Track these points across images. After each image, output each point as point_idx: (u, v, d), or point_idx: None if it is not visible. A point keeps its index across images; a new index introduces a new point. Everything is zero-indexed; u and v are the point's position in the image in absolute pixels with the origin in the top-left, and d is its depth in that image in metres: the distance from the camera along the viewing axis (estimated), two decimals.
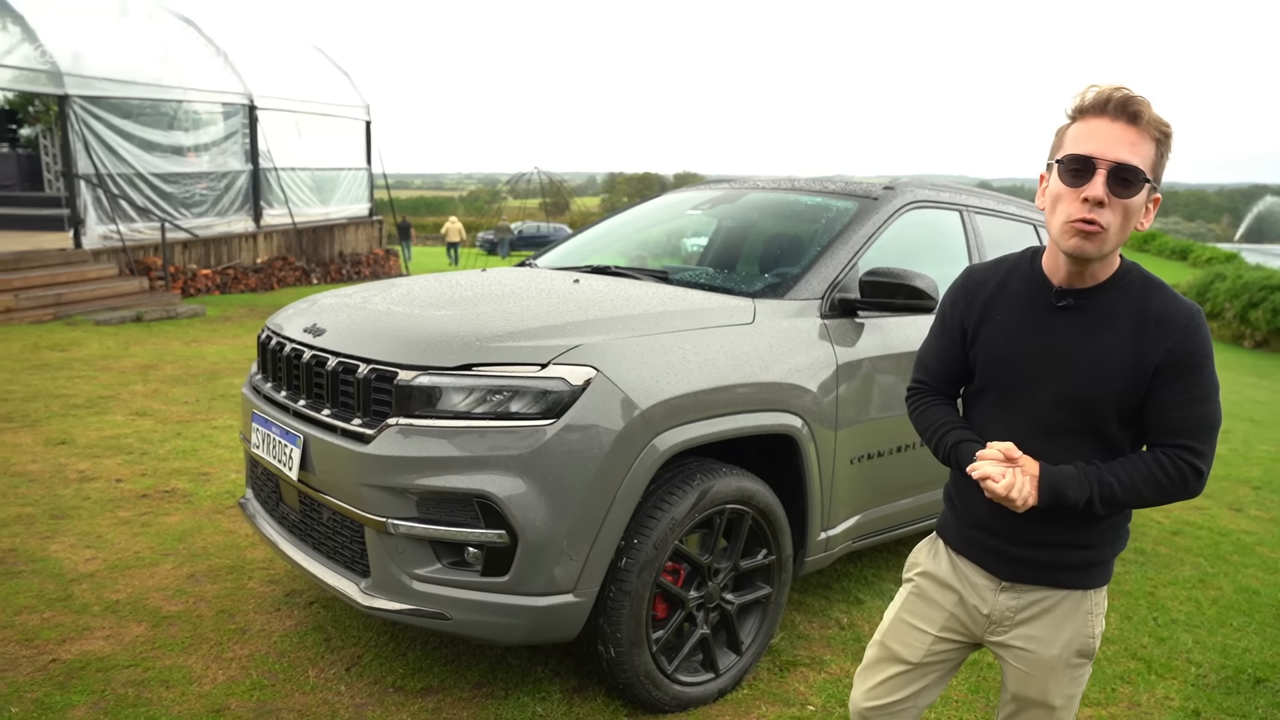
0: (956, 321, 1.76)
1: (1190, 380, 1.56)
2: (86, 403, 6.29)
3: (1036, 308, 1.65)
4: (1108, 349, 1.58)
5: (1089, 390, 1.58)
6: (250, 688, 2.73)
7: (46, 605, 3.22)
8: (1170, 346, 1.55)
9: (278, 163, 14.94)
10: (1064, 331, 1.61)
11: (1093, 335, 1.59)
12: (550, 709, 2.71)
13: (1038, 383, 1.63)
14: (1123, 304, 1.59)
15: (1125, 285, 1.61)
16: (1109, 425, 1.60)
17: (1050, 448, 1.62)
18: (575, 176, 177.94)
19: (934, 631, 1.82)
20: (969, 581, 1.79)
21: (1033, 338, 1.64)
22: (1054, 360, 1.61)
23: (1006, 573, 1.73)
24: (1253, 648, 3.52)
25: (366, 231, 17.70)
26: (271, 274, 14.52)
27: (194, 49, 14.01)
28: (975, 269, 1.79)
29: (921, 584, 1.86)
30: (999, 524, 1.72)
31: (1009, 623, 1.75)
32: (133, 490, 4.50)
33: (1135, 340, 1.57)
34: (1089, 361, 1.58)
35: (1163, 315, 1.57)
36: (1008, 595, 1.74)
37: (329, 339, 2.74)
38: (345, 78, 17.52)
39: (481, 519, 2.40)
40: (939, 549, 1.86)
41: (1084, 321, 1.60)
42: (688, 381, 2.60)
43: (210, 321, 10.75)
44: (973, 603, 1.78)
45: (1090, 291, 1.61)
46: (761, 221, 3.92)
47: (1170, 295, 1.60)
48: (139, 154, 12.54)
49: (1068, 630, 1.72)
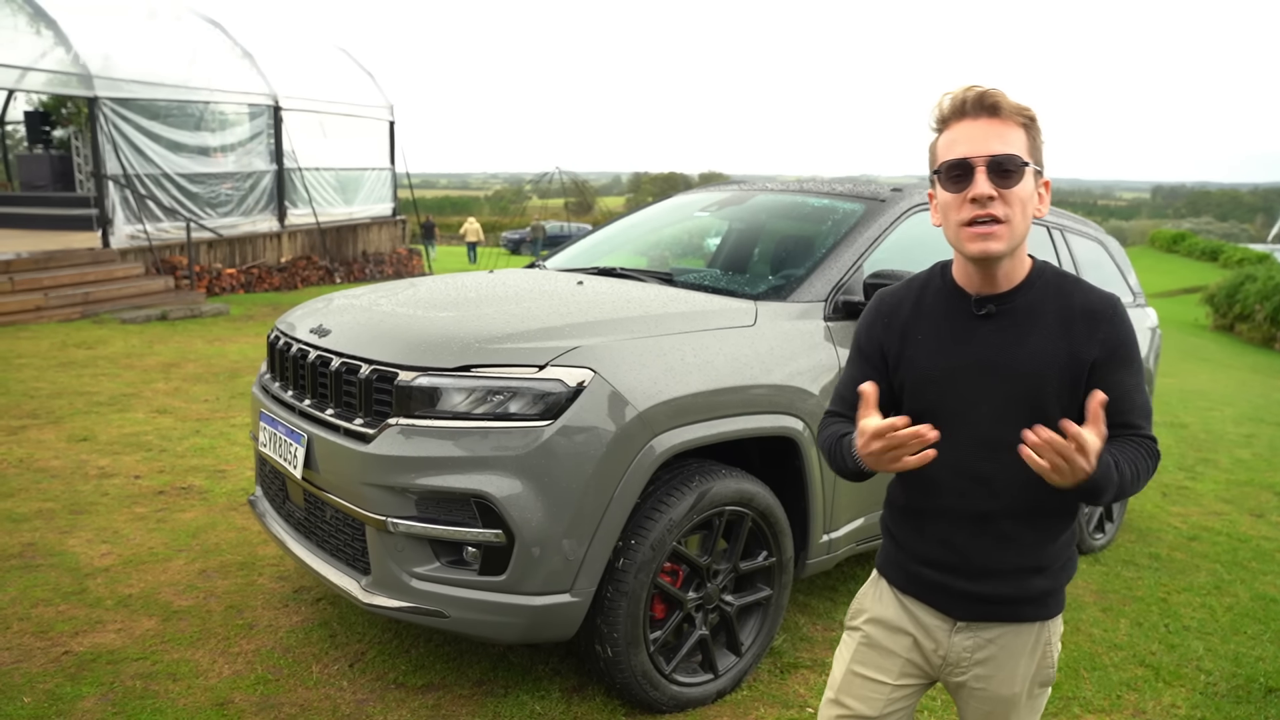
0: (875, 348, 1.68)
1: (1129, 369, 1.54)
2: (109, 400, 6.40)
3: (957, 321, 1.59)
4: (1038, 349, 1.53)
5: (1027, 395, 1.53)
6: (255, 682, 2.78)
7: (62, 599, 3.29)
8: (1103, 338, 1.52)
9: (302, 163, 15.11)
10: (990, 340, 1.55)
11: (1021, 338, 1.54)
12: (549, 707, 2.73)
13: (973, 398, 1.56)
14: (1044, 302, 1.55)
15: (1042, 283, 1.57)
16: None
17: (995, 466, 1.54)
18: (600, 176, 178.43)
19: (892, 681, 1.69)
20: (920, 623, 1.67)
21: (959, 352, 1.57)
22: (985, 371, 1.55)
23: (962, 611, 1.62)
24: (1266, 656, 3.47)
25: (390, 231, 17.85)
26: (295, 273, 14.68)
27: (220, 51, 14.21)
28: (885, 292, 1.72)
29: (871, 632, 1.72)
30: (949, 557, 1.61)
31: (966, 663, 1.64)
32: (150, 486, 4.58)
33: (1065, 336, 1.53)
34: (1023, 365, 1.53)
35: (1088, 308, 1.54)
36: (963, 635, 1.63)
37: (333, 340, 2.78)
38: (369, 78, 17.68)
39: (479, 518, 2.42)
40: (883, 590, 1.73)
41: (1008, 326, 1.55)
42: (686, 383, 2.61)
43: (234, 320, 10.89)
44: (927, 645, 1.67)
45: (1009, 295, 1.56)
46: (769, 223, 3.92)
47: (1089, 288, 1.58)
48: (166, 155, 12.74)
49: (1028, 665, 1.63)
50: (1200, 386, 11.66)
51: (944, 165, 1.51)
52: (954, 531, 1.60)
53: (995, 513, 1.57)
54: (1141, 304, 5.10)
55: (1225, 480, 6.30)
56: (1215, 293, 22.00)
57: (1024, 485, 1.52)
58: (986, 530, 1.57)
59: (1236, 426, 8.58)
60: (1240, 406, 9.99)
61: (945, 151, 1.52)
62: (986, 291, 1.56)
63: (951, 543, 1.60)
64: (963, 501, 1.58)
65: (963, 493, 1.58)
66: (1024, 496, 1.55)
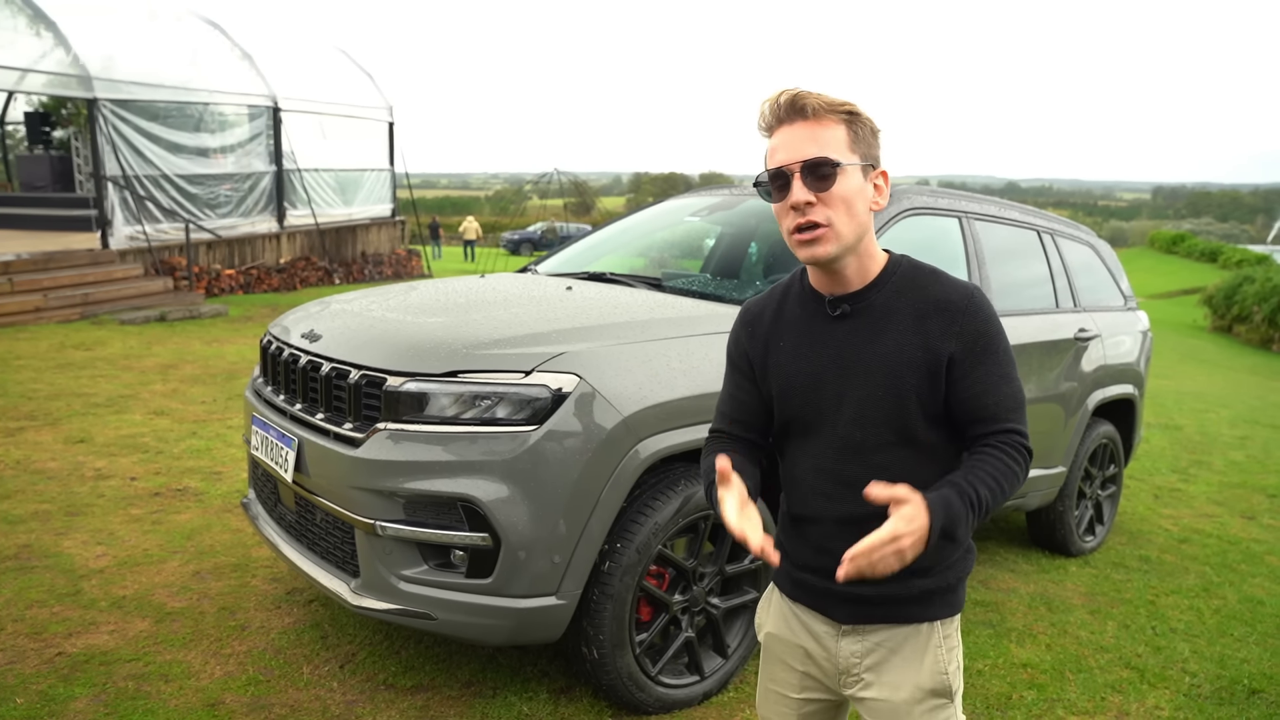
0: (742, 357, 1.66)
1: (991, 361, 1.49)
2: (107, 401, 6.44)
3: (815, 324, 1.57)
4: (894, 346, 1.50)
5: (886, 394, 1.49)
6: (246, 683, 2.81)
7: (56, 600, 3.32)
8: (958, 331, 1.48)
9: (301, 164, 15.14)
10: (846, 340, 1.53)
11: (876, 336, 1.51)
12: (537, 708, 2.76)
13: (835, 400, 1.53)
14: (898, 298, 1.52)
15: (898, 279, 1.54)
16: (916, 429, 1.51)
17: (861, 468, 1.51)
18: (601, 176, 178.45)
19: (795, 695, 1.66)
20: (810, 631, 1.63)
21: (818, 356, 1.55)
22: (844, 372, 1.52)
23: (844, 614, 1.58)
24: (1251, 658, 3.50)
25: (389, 232, 17.89)
26: (294, 274, 14.72)
27: (220, 52, 14.25)
28: (751, 302, 1.71)
29: (770, 645, 1.70)
30: (827, 562, 1.52)
31: (857, 670, 1.59)
32: (146, 488, 4.61)
33: (919, 331, 1.49)
34: (879, 364, 1.50)
35: (941, 300, 1.50)
36: (850, 640, 1.59)
37: (324, 345, 2.81)
38: (368, 79, 17.71)
39: (466, 522, 2.45)
40: (775, 600, 1.70)
41: (864, 325, 1.52)
42: (671, 389, 2.64)
43: (232, 321, 10.93)
44: (819, 654, 1.62)
45: (863, 294, 1.53)
46: (759, 228, 3.95)
47: (945, 279, 1.53)
48: (165, 156, 12.77)
49: (917, 670, 1.56)
50: (1197, 388, 11.68)
51: (764, 174, 1.51)
52: (828, 536, 1.56)
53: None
54: (1133, 307, 5.13)
55: (1218, 482, 6.33)
56: (1214, 294, 22.02)
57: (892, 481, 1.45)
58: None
59: (1231, 428, 8.61)
60: (1236, 408, 10.01)
61: (768, 160, 1.51)
62: (839, 292, 1.54)
63: (827, 548, 1.55)
64: (832, 505, 1.55)
65: (830, 496, 1.55)
66: None
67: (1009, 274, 4.09)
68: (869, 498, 1.35)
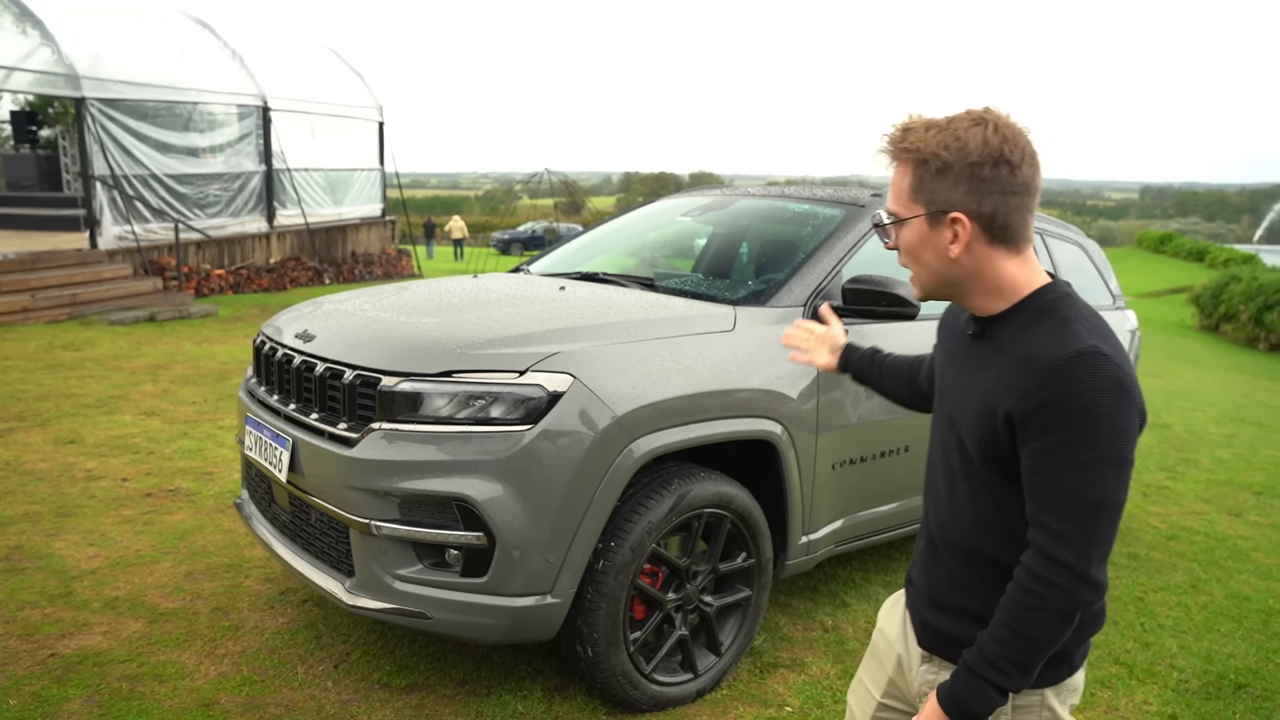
0: (939, 333, 1.68)
1: (1055, 438, 1.26)
2: (97, 402, 6.41)
3: (961, 335, 1.52)
4: (982, 385, 1.39)
5: (965, 429, 1.42)
6: (240, 683, 2.81)
7: (48, 601, 3.31)
8: (1025, 392, 1.29)
9: (291, 163, 15.10)
10: (968, 361, 1.47)
11: (978, 369, 1.43)
12: (531, 707, 2.77)
13: (945, 417, 1.50)
14: (1017, 335, 1.37)
15: (1024, 316, 1.38)
16: (989, 474, 1.39)
17: (951, 493, 1.47)
18: (591, 176, 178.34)
19: (877, 697, 1.63)
20: (907, 642, 1.59)
21: (951, 368, 1.52)
22: (954, 393, 1.48)
23: (923, 640, 1.53)
24: (1238, 653, 3.53)
25: (379, 232, 17.85)
26: (284, 274, 14.68)
27: (209, 51, 14.19)
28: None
29: (876, 640, 1.68)
30: (919, 576, 1.55)
31: (924, 700, 1.50)
32: (137, 489, 4.60)
33: (998, 380, 1.35)
34: (969, 398, 1.42)
35: (1029, 354, 1.31)
36: (927, 668, 1.51)
37: (318, 345, 2.82)
38: (359, 79, 17.67)
39: (460, 521, 2.46)
40: (899, 604, 1.67)
41: (978, 354, 1.44)
42: (665, 388, 2.66)
43: (222, 321, 10.89)
44: (909, 670, 1.57)
45: (992, 320, 1.42)
46: (750, 228, 3.97)
47: (1062, 332, 1.31)
48: (154, 155, 12.72)
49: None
50: (1184, 387, 11.77)
51: None
52: (923, 552, 1.56)
53: (944, 543, 1.48)
54: (1121, 306, 5.17)
55: (1205, 480, 6.38)
56: (1201, 293, 22.17)
57: (970, 521, 1.44)
58: (939, 559, 1.49)
59: (1219, 426, 8.68)
60: (1223, 406, 10.09)
61: None
62: (979, 314, 1.46)
63: (919, 563, 1.56)
64: (927, 522, 1.55)
65: (928, 513, 1.55)
66: (965, 533, 1.45)
67: None
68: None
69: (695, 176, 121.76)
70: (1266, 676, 3.34)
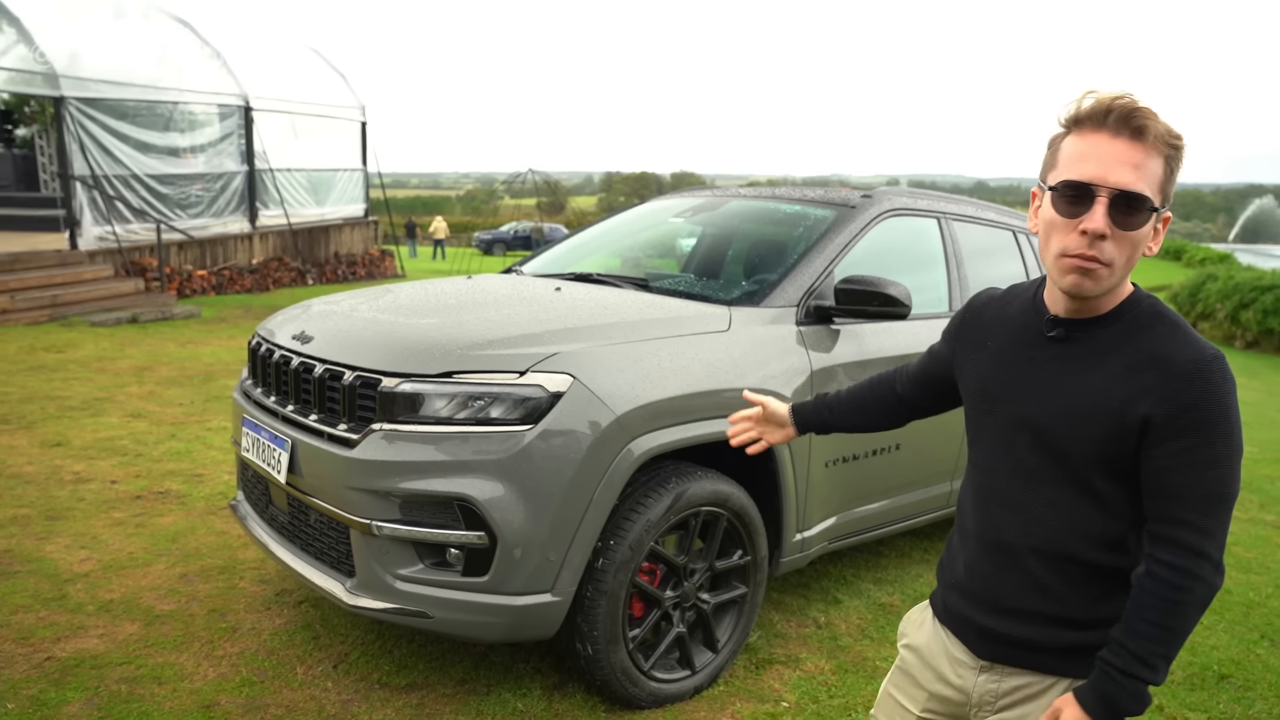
0: (950, 339, 1.65)
1: (1193, 439, 1.30)
2: (82, 404, 6.36)
3: (1028, 336, 1.47)
4: (1093, 388, 1.37)
5: (1066, 432, 1.38)
6: (240, 684, 2.82)
7: (42, 605, 3.30)
8: (1165, 395, 1.31)
9: (273, 164, 15.02)
10: (1049, 364, 1.42)
11: (1080, 372, 1.39)
12: (531, 705, 2.79)
13: (1016, 418, 1.45)
14: (1122, 340, 1.37)
15: (1130, 319, 1.38)
16: (1092, 477, 1.38)
17: (1030, 496, 1.44)
18: (572, 176, 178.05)
19: (915, 711, 1.63)
20: (950, 656, 1.57)
21: (1017, 368, 1.47)
22: (1034, 394, 1.43)
23: (983, 649, 1.50)
24: (1220, 645, 3.61)
25: (362, 232, 17.78)
26: (267, 275, 14.59)
27: (190, 50, 14.08)
28: (981, 294, 1.64)
29: (906, 657, 1.67)
30: (974, 583, 1.51)
31: (990, 707, 1.51)
32: (127, 491, 4.58)
33: (1125, 383, 1.34)
34: (1070, 400, 1.38)
35: (1162, 357, 1.32)
36: (988, 677, 1.51)
37: (316, 346, 2.82)
38: (341, 78, 17.59)
39: (462, 521, 2.48)
40: (926, 619, 1.65)
41: (1073, 355, 1.40)
42: (662, 388, 2.69)
43: (206, 323, 10.82)
44: (954, 681, 1.56)
45: (1086, 323, 1.40)
46: (742, 229, 4.01)
47: (1182, 335, 1.34)
48: (135, 155, 12.62)
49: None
50: None
51: (1062, 184, 1.33)
52: (975, 557, 1.52)
53: (1020, 548, 1.45)
54: None
55: None
56: (1179, 292, 22.43)
57: (1055, 526, 1.42)
58: (1011, 564, 1.45)
59: None
60: None
61: (1069, 165, 1.33)
62: (1066, 315, 1.42)
63: (975, 569, 1.52)
64: (988, 525, 1.50)
65: (989, 516, 1.50)
66: (1050, 538, 1.43)
67: (986, 273, 4.17)
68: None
69: (677, 176, 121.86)
70: (1247, 667, 3.41)
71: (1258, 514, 5.57)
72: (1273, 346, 19.07)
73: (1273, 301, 18.89)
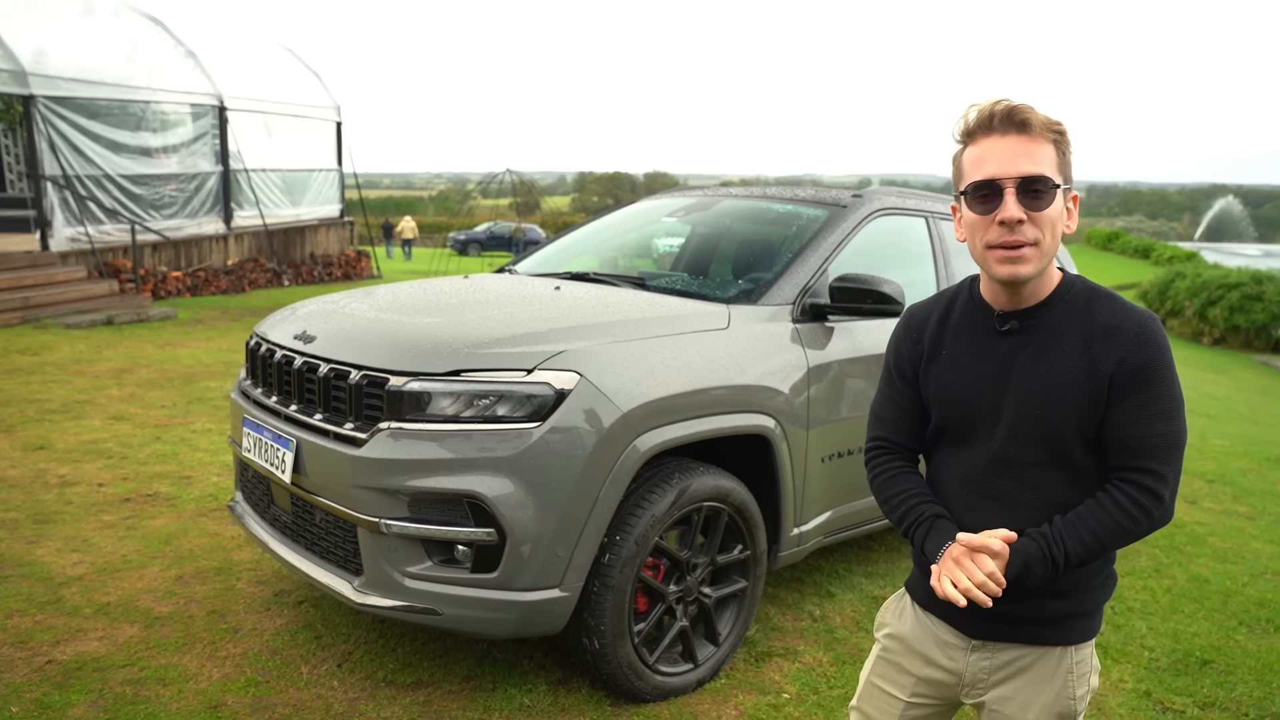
0: (905, 362, 1.67)
1: (1147, 394, 1.44)
2: (62, 407, 6.29)
3: (981, 336, 1.56)
4: (1058, 367, 1.48)
5: (1044, 415, 1.48)
6: (245, 684, 2.82)
7: (37, 608, 3.27)
8: (1122, 357, 1.44)
9: (248, 164, 14.87)
10: (1011, 356, 1.52)
11: (1041, 355, 1.49)
12: (537, 700, 2.82)
13: (991, 414, 1.53)
14: (1068, 319, 1.49)
15: (1069, 299, 1.51)
16: (1072, 452, 1.49)
17: (1013, 484, 1.52)
18: (545, 176, 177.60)
19: (904, 697, 1.68)
20: (938, 640, 1.64)
21: (980, 367, 1.55)
22: (1004, 388, 1.52)
23: (976, 630, 1.59)
24: (1201, 632, 3.71)
25: (338, 233, 17.65)
26: (243, 276, 14.45)
27: (162, 49, 13.91)
28: (915, 307, 1.71)
29: (889, 645, 1.73)
30: None
31: (983, 684, 1.60)
32: (115, 494, 4.54)
33: (1085, 355, 1.47)
34: (1040, 384, 1.49)
35: (1111, 325, 1.47)
36: (979, 655, 1.59)
37: (320, 346, 2.83)
38: (315, 78, 17.45)
39: (471, 518, 2.50)
40: (905, 607, 1.72)
41: (1030, 343, 1.51)
42: (667, 385, 2.72)
43: (182, 324, 10.70)
44: (944, 664, 1.63)
45: (1033, 311, 1.51)
46: (735, 228, 4.05)
47: (1119, 304, 1.49)
48: (107, 155, 12.44)
49: (1046, 692, 1.55)
50: None
51: (971, 185, 1.46)
52: None
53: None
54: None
55: None
56: (1148, 289, 22.83)
57: (1038, 506, 1.51)
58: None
59: None
60: None
61: (972, 169, 1.47)
62: (1011, 307, 1.53)
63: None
64: (974, 517, 1.55)
65: (975, 508, 1.56)
66: (1033, 518, 1.51)
67: (971, 270, 4.25)
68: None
69: (650, 176, 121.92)
70: (1228, 653, 3.51)
71: (1231, 505, 5.72)
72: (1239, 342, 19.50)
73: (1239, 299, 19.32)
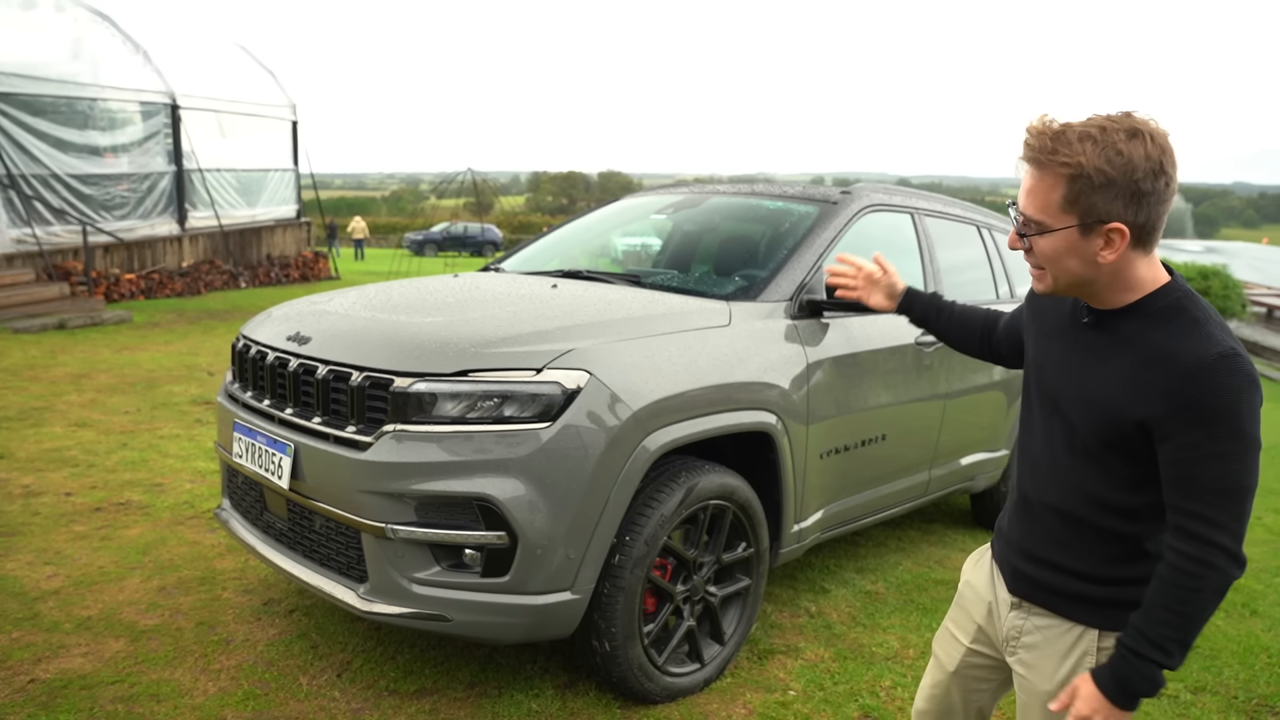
0: (1023, 311, 1.77)
1: (1199, 434, 1.35)
2: (19, 414, 6.06)
3: (1071, 321, 1.58)
4: (1104, 379, 1.47)
5: (1076, 414, 1.52)
6: (243, 698, 2.72)
7: (13, 625, 3.13)
8: (1168, 392, 1.37)
9: (202, 164, 14.50)
10: (1080, 349, 1.54)
11: (1100, 360, 1.49)
12: (545, 704, 2.77)
13: (1050, 391, 1.58)
14: (1139, 334, 1.44)
15: (1151, 313, 1.44)
16: (1101, 453, 1.49)
17: (1054, 460, 1.57)
18: (500, 175, 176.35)
19: (966, 642, 1.78)
20: (995, 592, 1.73)
21: (1058, 348, 1.59)
22: (1063, 374, 1.56)
23: (1014, 586, 1.66)
24: None
25: (295, 233, 17.30)
26: (198, 278, 14.09)
27: (109, 45, 13.48)
28: None
29: (963, 591, 1.83)
30: (1012, 530, 1.69)
31: (1014, 644, 1.66)
32: (85, 504, 4.38)
33: (1131, 381, 1.43)
34: (1085, 387, 1.51)
35: (1168, 354, 1.39)
36: (1016, 614, 1.66)
37: (316, 347, 2.75)
38: (270, 76, 17.09)
39: (481, 521, 2.45)
40: (985, 556, 1.81)
41: (1099, 343, 1.50)
42: (674, 383, 2.69)
43: (138, 328, 10.40)
44: (996, 615, 1.71)
45: (1112, 314, 1.49)
46: (725, 226, 4.04)
47: (1194, 332, 1.38)
48: (53, 153, 12.03)
49: (1063, 668, 1.56)
50: None
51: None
52: (1017, 508, 1.68)
53: (1045, 504, 1.60)
54: None
55: None
56: None
57: (1070, 489, 1.54)
58: (1037, 517, 1.62)
59: None
60: None
61: None
62: (1095, 305, 1.52)
63: (1014, 518, 1.69)
64: (1024, 481, 1.66)
65: (1027, 474, 1.65)
66: (1067, 499, 1.55)
67: (956, 266, 4.29)
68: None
69: (604, 176, 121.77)
70: (1211, 639, 3.60)
71: None
72: None
73: None
